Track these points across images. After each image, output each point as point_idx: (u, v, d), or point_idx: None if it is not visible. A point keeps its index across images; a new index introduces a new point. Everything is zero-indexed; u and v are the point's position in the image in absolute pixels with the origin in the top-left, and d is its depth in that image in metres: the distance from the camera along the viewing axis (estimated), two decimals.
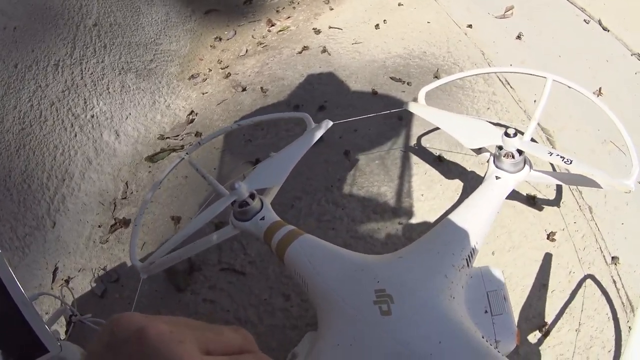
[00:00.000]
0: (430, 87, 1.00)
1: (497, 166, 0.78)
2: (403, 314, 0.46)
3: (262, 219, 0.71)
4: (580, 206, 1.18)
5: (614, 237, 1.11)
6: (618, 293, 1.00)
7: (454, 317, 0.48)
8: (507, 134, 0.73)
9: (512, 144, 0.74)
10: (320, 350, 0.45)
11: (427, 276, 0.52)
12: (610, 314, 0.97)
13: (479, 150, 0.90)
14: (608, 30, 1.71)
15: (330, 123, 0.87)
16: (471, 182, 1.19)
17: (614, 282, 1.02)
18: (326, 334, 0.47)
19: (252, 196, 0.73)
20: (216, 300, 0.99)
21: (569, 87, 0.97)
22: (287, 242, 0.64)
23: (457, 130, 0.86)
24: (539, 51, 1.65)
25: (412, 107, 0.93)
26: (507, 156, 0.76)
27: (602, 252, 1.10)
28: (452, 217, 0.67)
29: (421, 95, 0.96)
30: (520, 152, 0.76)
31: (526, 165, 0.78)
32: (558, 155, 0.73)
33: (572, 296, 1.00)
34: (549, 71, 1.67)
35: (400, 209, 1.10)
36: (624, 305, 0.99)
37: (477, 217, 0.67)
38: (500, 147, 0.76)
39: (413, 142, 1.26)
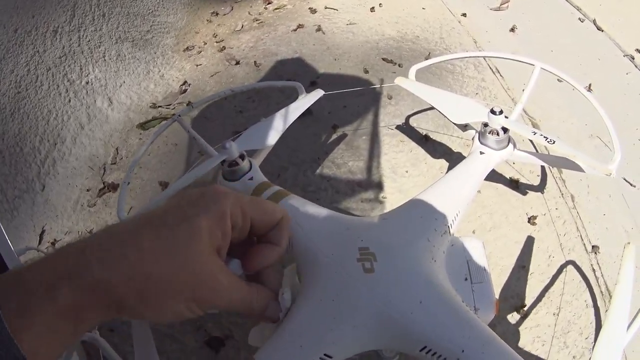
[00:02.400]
0: (421, 65, 0.97)
1: (481, 142, 0.77)
2: (385, 272, 0.44)
3: (251, 179, 0.69)
4: (562, 194, 1.16)
5: (595, 226, 1.10)
6: (597, 282, 0.98)
7: (434, 278, 0.47)
8: (492, 112, 0.72)
9: (497, 121, 0.73)
10: (303, 306, 0.42)
11: (410, 237, 0.50)
12: (589, 301, 0.95)
13: (464, 128, 0.88)
14: (602, 30, 1.70)
15: (322, 92, 0.84)
16: (456, 162, 1.15)
17: (594, 270, 1.02)
18: (308, 291, 0.45)
19: (241, 157, 0.70)
20: None
21: (556, 75, 0.95)
22: (274, 201, 0.62)
23: (445, 106, 0.84)
24: (531, 44, 1.63)
25: (402, 82, 0.90)
26: (492, 133, 0.75)
27: (582, 240, 1.09)
28: (437, 185, 0.65)
29: (412, 71, 0.93)
30: (505, 130, 0.75)
31: (510, 144, 0.76)
32: (541, 135, 0.73)
33: (552, 280, 0.99)
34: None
35: (385, 184, 1.08)
36: (602, 294, 0.98)
37: (460, 188, 0.65)
38: (485, 124, 0.75)
39: (401, 121, 1.23)
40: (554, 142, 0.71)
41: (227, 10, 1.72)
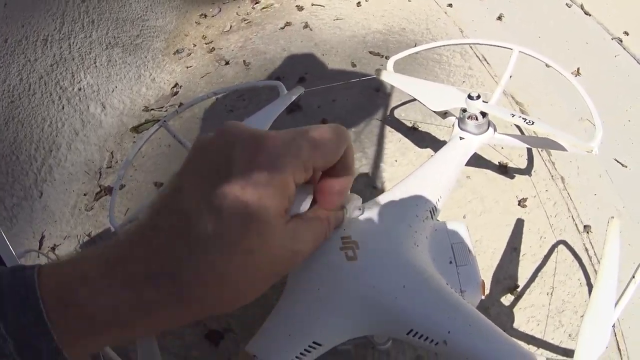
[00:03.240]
0: (399, 56, 0.97)
1: (461, 128, 0.77)
2: (368, 258, 0.44)
3: None
4: (552, 176, 1.16)
5: (586, 206, 1.10)
6: (590, 260, 0.98)
7: (417, 263, 0.46)
8: (470, 97, 0.73)
9: (475, 106, 0.73)
10: (289, 296, 0.43)
11: (391, 224, 0.50)
12: (582, 280, 0.95)
13: (444, 115, 0.88)
14: (590, 15, 1.69)
15: (302, 89, 0.85)
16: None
17: (586, 249, 1.01)
18: (294, 281, 0.45)
19: None
20: None
21: (535, 57, 0.96)
22: None
23: (424, 95, 0.84)
24: (518, 31, 1.62)
25: (382, 75, 0.90)
26: (471, 118, 0.76)
27: (574, 220, 1.08)
28: (417, 172, 0.65)
29: (390, 63, 0.93)
30: (483, 114, 0.75)
31: (490, 127, 0.76)
32: (520, 116, 0.72)
33: (544, 261, 0.98)
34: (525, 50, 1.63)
35: (375, 174, 1.08)
36: (596, 273, 0.94)
37: (440, 173, 0.66)
38: (464, 110, 0.76)
39: (389, 112, 1.23)
40: (532, 123, 0.70)
41: (215, 11, 1.72)
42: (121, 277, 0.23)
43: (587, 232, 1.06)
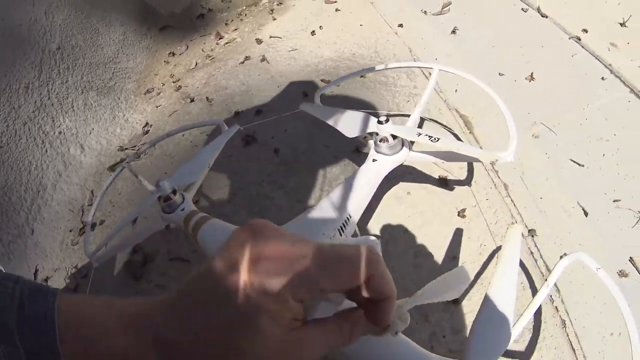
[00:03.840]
0: (323, 90, 1.06)
1: (376, 150, 0.81)
2: None
3: (183, 209, 0.82)
4: (495, 184, 1.19)
5: (532, 211, 1.10)
6: (536, 263, 0.99)
7: None
8: (379, 121, 0.77)
9: (384, 130, 0.78)
10: None
11: None
12: (525, 283, 0.96)
13: (364, 140, 0.93)
14: (546, 17, 1.68)
15: (237, 127, 0.97)
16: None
17: (531, 253, 1.02)
18: None
19: (174, 192, 0.84)
20: (167, 285, 1.10)
21: (453, 73, 0.99)
22: (198, 227, 0.75)
23: (340, 124, 0.90)
24: (471, 43, 1.63)
25: (305, 107, 1.00)
26: (383, 141, 0.80)
27: None
28: (330, 194, 0.74)
29: (316, 96, 1.02)
30: (394, 136, 0.79)
31: (404, 147, 0.81)
32: (426, 135, 0.76)
33: (484, 267, 1.00)
34: (480, 62, 1.65)
35: (320, 197, 1.21)
36: (543, 275, 0.99)
37: (351, 193, 0.73)
38: (377, 134, 0.81)
39: (335, 137, 1.32)
40: (437, 140, 0.74)
41: (183, 49, 1.85)
42: (136, 332, 0.26)
43: (532, 236, 1.07)
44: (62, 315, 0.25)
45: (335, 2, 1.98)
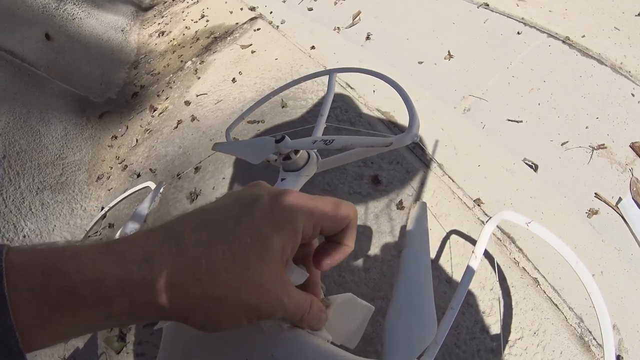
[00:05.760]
0: (232, 126, 1.11)
1: (285, 169, 0.77)
2: None
3: None
4: (429, 167, 1.22)
5: (472, 181, 1.11)
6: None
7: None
8: (276, 141, 0.73)
9: (282, 147, 0.74)
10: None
11: None
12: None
13: (269, 164, 0.91)
14: None
15: (164, 184, 1.04)
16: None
17: (482, 222, 1.03)
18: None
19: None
20: (146, 353, 1.17)
21: (355, 72, 0.95)
22: None
23: (244, 153, 0.91)
24: (386, 43, 1.69)
25: (217, 147, 1.05)
26: (287, 158, 0.75)
27: (461, 199, 1.09)
28: None
29: (226, 134, 1.07)
30: (296, 151, 0.76)
31: (311, 158, 0.77)
32: (321, 140, 0.72)
33: (440, 251, 1.02)
34: (397, 56, 1.65)
35: None
36: (500, 240, 0.99)
37: None
38: (279, 153, 0.77)
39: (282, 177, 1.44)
40: (332, 142, 0.72)
41: (123, 130, 1.94)
42: (115, 256, 0.24)
43: (479, 205, 1.08)
44: (14, 263, 0.22)
45: (250, 45, 2.09)
